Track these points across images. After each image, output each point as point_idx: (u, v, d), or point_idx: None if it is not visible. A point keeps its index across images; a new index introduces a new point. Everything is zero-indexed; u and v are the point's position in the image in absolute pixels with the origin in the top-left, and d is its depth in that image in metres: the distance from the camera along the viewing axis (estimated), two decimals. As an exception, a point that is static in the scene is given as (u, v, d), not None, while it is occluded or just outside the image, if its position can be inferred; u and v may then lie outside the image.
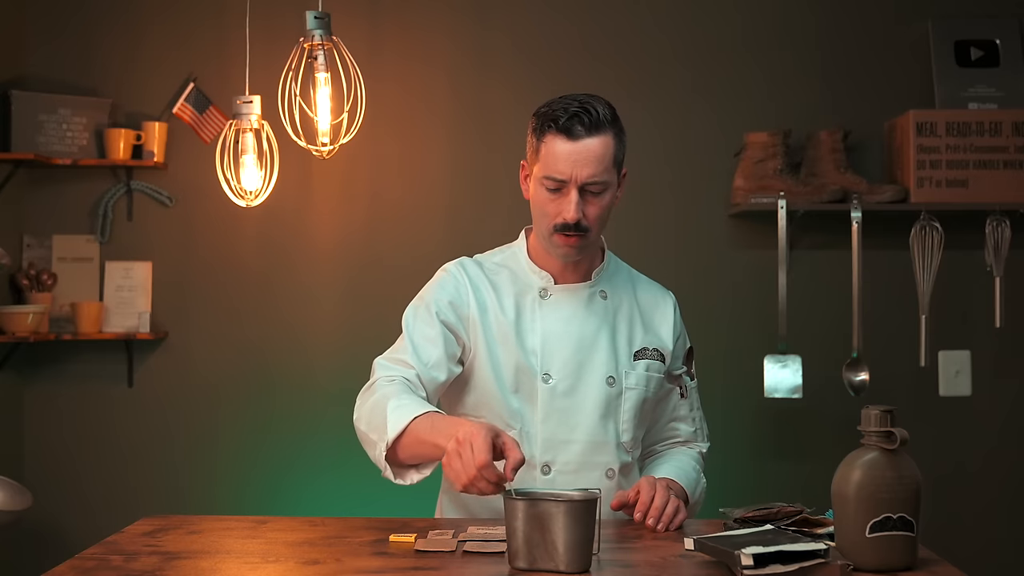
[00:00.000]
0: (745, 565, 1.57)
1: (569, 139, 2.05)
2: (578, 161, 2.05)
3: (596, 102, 2.09)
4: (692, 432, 2.32)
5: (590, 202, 2.08)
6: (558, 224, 2.09)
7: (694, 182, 3.45)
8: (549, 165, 2.07)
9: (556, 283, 2.20)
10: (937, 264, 3.24)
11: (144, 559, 1.77)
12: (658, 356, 2.23)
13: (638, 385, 2.19)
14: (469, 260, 2.24)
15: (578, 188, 2.06)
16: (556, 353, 2.15)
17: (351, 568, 1.72)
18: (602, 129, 2.07)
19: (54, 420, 3.46)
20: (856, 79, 3.45)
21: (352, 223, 3.47)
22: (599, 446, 2.16)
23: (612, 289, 2.24)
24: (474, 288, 2.18)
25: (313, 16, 3.04)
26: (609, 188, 2.10)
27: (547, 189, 2.09)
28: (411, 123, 3.47)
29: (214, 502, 3.42)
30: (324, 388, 3.46)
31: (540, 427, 2.14)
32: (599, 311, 2.20)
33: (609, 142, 2.07)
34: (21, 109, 3.34)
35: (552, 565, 1.65)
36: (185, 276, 3.48)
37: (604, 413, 2.15)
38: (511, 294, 2.19)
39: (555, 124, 2.06)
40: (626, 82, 3.45)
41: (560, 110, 2.07)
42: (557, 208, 2.09)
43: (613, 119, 2.10)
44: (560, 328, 2.17)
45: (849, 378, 3.29)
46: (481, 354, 2.15)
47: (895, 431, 1.67)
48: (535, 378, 2.14)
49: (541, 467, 2.14)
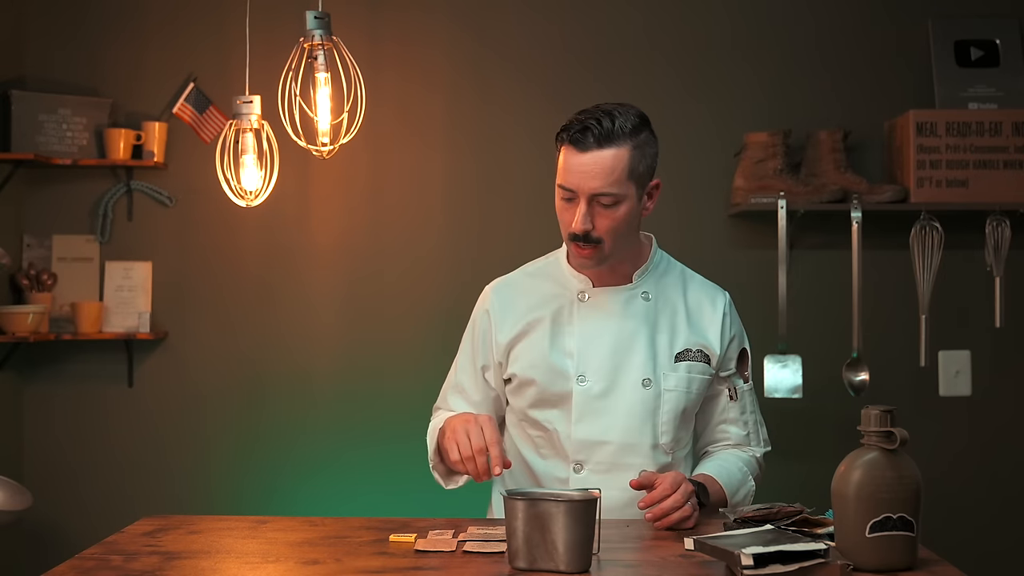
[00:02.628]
0: (745, 565, 1.57)
1: (578, 151, 2.08)
2: (586, 173, 2.07)
3: (620, 114, 2.10)
4: (744, 436, 2.30)
5: (601, 214, 2.10)
6: (570, 234, 2.12)
7: (694, 182, 3.45)
8: (562, 175, 2.11)
9: (595, 286, 2.22)
10: (937, 264, 3.24)
11: (144, 559, 1.77)
12: (702, 357, 2.23)
13: (678, 387, 2.20)
14: (503, 282, 2.32)
15: (587, 200, 2.08)
16: (592, 355, 2.18)
17: (351, 568, 1.72)
18: (615, 141, 2.07)
19: (54, 420, 3.46)
20: (856, 79, 3.45)
21: (352, 223, 3.47)
22: (632, 447, 2.17)
23: (658, 290, 2.25)
24: (504, 313, 2.25)
25: (313, 16, 3.04)
26: (624, 201, 2.10)
27: (562, 198, 2.12)
28: (411, 123, 3.47)
29: (213, 502, 3.42)
30: (324, 387, 3.46)
31: (574, 427, 2.17)
32: (639, 313, 2.21)
33: (622, 155, 2.08)
34: (21, 109, 3.34)
35: (552, 565, 1.66)
36: (185, 276, 3.48)
37: (640, 415, 2.17)
38: (551, 299, 2.23)
39: (567, 134, 2.09)
40: (626, 82, 3.45)
41: (577, 121, 2.09)
42: (570, 217, 2.12)
43: (635, 131, 2.10)
44: (596, 330, 2.20)
45: (849, 378, 3.28)
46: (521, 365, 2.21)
47: (895, 431, 1.67)
48: (570, 380, 2.17)
49: (573, 466, 2.17)
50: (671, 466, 2.21)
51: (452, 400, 2.31)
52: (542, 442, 2.22)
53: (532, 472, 2.23)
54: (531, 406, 2.21)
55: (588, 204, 2.08)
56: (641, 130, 2.12)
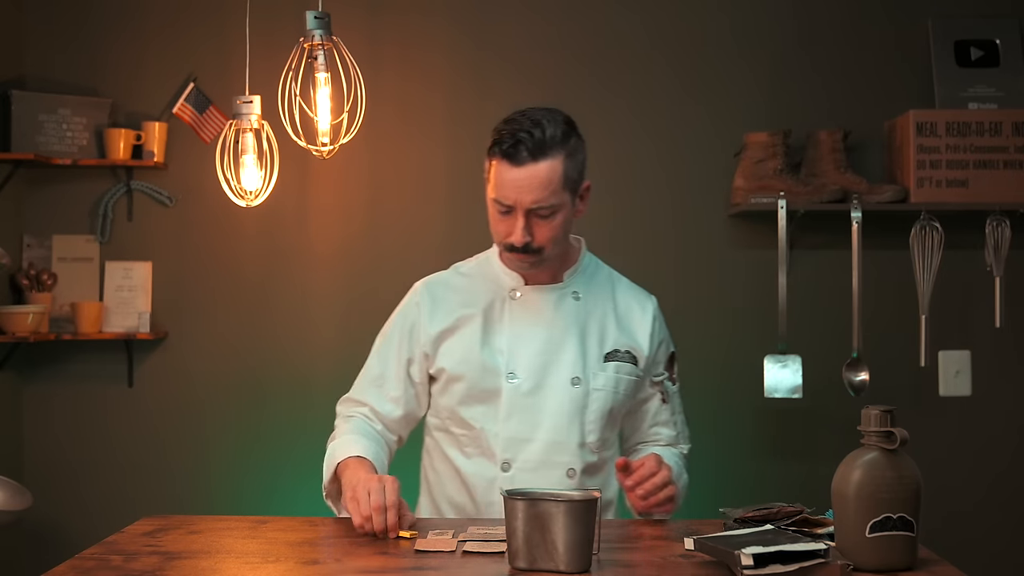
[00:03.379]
0: (745, 565, 1.57)
1: (513, 165, 2.06)
2: (523, 187, 2.06)
3: (548, 123, 2.08)
4: (674, 436, 2.34)
5: (539, 224, 2.11)
6: (508, 244, 2.13)
7: (694, 182, 3.45)
8: (496, 189, 2.10)
9: (527, 284, 2.23)
10: (937, 264, 3.24)
11: (144, 559, 1.77)
12: (630, 358, 2.24)
13: (606, 387, 2.21)
14: (435, 279, 2.32)
15: (525, 213, 2.08)
16: (522, 353, 2.19)
17: (351, 568, 1.72)
18: (548, 152, 2.06)
19: (54, 420, 3.46)
20: (856, 79, 3.45)
21: (352, 223, 3.47)
22: (560, 446, 2.18)
23: (587, 290, 2.26)
24: (434, 306, 2.25)
25: (313, 16, 3.04)
26: (560, 210, 2.10)
27: (498, 211, 2.12)
28: (411, 123, 3.47)
29: (213, 501, 3.42)
30: (324, 387, 3.45)
31: (503, 425, 2.18)
32: (569, 312, 2.23)
33: (557, 165, 2.07)
34: (21, 109, 3.34)
35: (552, 565, 1.66)
36: (185, 276, 3.48)
37: (568, 413, 2.17)
38: (483, 296, 2.24)
39: (500, 149, 2.07)
40: (625, 84, 3.45)
41: (508, 133, 2.07)
42: (507, 229, 2.12)
43: (564, 138, 2.09)
44: (527, 328, 2.21)
45: (849, 378, 3.28)
46: (450, 360, 2.22)
47: (895, 431, 1.67)
48: (500, 377, 2.18)
49: (501, 464, 2.18)
50: (597, 466, 2.23)
51: (369, 394, 2.29)
52: (467, 441, 2.22)
53: (459, 473, 2.23)
54: (459, 403, 2.21)
55: (526, 217, 2.09)
56: (570, 136, 2.11)
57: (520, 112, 2.12)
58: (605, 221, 3.42)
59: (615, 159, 3.44)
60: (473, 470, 2.21)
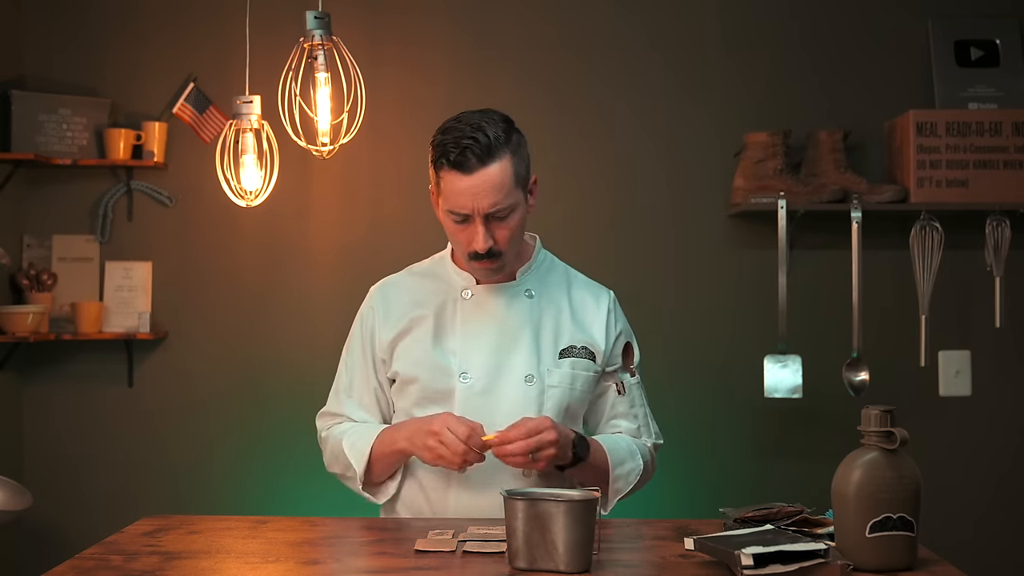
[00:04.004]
0: (745, 565, 1.57)
1: (463, 174, 2.05)
2: (477, 194, 2.06)
3: (488, 125, 2.07)
4: (635, 428, 2.28)
5: (497, 227, 2.11)
6: (471, 253, 2.12)
7: (694, 182, 3.45)
8: (450, 200, 2.09)
9: (478, 283, 2.23)
10: (937, 264, 3.24)
11: (144, 559, 1.77)
12: (587, 354, 2.22)
13: (562, 383, 2.19)
14: (388, 281, 2.32)
15: (483, 219, 2.08)
16: (474, 352, 2.19)
17: (351, 568, 1.72)
18: (495, 155, 2.06)
19: (54, 420, 3.46)
20: (856, 79, 3.45)
21: (352, 223, 3.47)
22: None
23: (541, 287, 2.25)
24: (387, 310, 2.25)
25: (313, 16, 3.04)
26: (516, 209, 2.11)
27: (455, 222, 2.11)
28: (411, 123, 3.46)
29: (213, 501, 3.42)
30: (324, 388, 3.43)
31: None
32: (523, 310, 2.22)
33: (506, 166, 2.07)
34: (21, 109, 3.34)
35: (552, 565, 1.66)
36: (185, 276, 3.48)
37: (523, 411, 2.15)
38: (434, 297, 2.24)
39: (447, 160, 2.06)
40: (626, 82, 3.45)
41: (451, 143, 2.06)
42: (467, 238, 2.11)
43: (507, 138, 2.08)
44: (479, 327, 2.20)
45: (849, 378, 3.28)
46: (404, 363, 2.22)
47: (895, 431, 1.67)
48: (453, 377, 2.17)
49: None
50: None
51: (344, 405, 2.31)
52: None
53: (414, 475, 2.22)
54: (415, 404, 2.21)
55: (485, 222, 2.08)
56: (511, 134, 2.10)
57: (455, 119, 2.11)
58: (605, 221, 3.42)
59: (615, 159, 3.45)
60: (430, 469, 2.18)
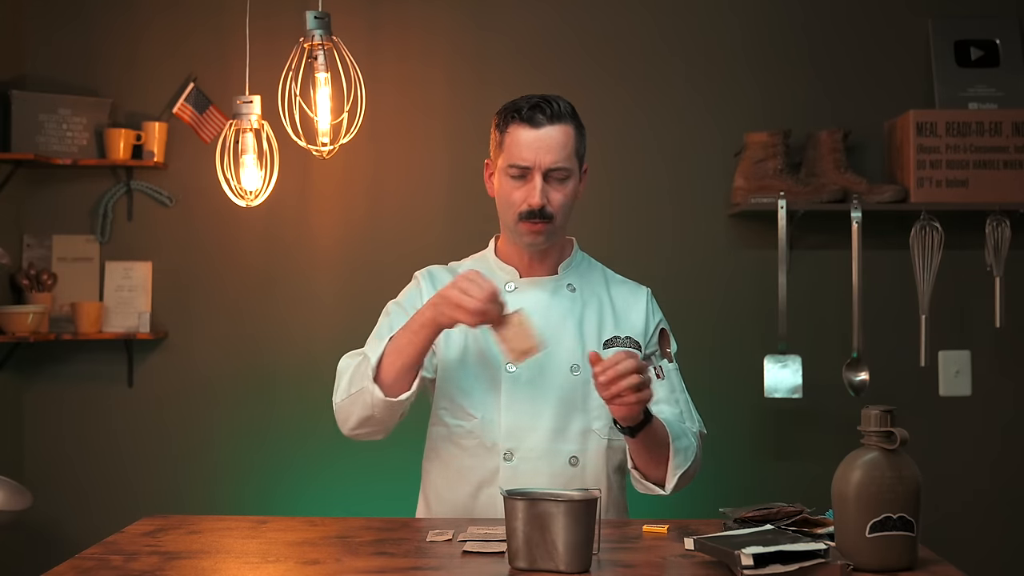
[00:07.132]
0: (745, 565, 1.57)
1: (532, 127, 2.16)
2: (541, 148, 2.15)
3: (557, 98, 2.21)
4: (677, 414, 2.27)
5: (554, 188, 2.17)
6: (523, 212, 2.17)
7: (694, 182, 3.45)
8: (513, 154, 2.17)
9: (522, 277, 2.26)
10: (937, 264, 3.24)
11: (144, 559, 1.77)
12: (632, 343, 2.25)
13: None
14: (437, 267, 2.36)
15: (542, 174, 2.16)
16: None
17: (351, 568, 1.72)
18: (563, 119, 2.18)
19: (54, 420, 3.46)
20: (856, 79, 3.45)
21: (352, 223, 3.47)
22: (562, 434, 2.18)
23: (582, 284, 2.29)
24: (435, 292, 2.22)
25: (313, 16, 3.04)
26: (572, 176, 2.19)
27: (511, 177, 2.18)
28: (411, 122, 3.47)
29: (213, 502, 3.42)
30: (324, 388, 3.42)
31: (504, 414, 2.18)
32: (565, 302, 2.25)
33: (570, 132, 2.19)
34: (21, 109, 3.34)
35: (552, 565, 1.66)
36: (185, 276, 3.48)
37: (569, 401, 2.18)
38: None
39: (519, 114, 2.17)
40: (625, 82, 3.46)
41: (523, 102, 2.19)
42: (523, 195, 2.17)
43: (573, 114, 2.21)
44: None
45: (849, 378, 3.29)
46: (447, 351, 2.23)
47: (895, 431, 1.67)
48: (499, 368, 2.19)
49: (504, 454, 2.18)
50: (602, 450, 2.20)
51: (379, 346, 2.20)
52: (464, 432, 2.21)
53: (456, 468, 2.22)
54: (459, 394, 2.21)
55: (543, 179, 2.16)
56: (577, 115, 2.23)
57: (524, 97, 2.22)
58: (605, 220, 3.42)
59: (615, 159, 3.44)
60: (471, 462, 2.20)
